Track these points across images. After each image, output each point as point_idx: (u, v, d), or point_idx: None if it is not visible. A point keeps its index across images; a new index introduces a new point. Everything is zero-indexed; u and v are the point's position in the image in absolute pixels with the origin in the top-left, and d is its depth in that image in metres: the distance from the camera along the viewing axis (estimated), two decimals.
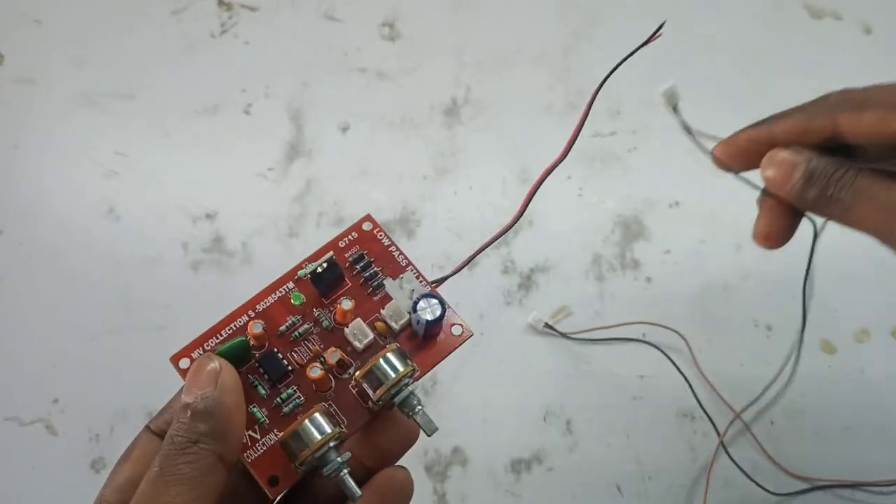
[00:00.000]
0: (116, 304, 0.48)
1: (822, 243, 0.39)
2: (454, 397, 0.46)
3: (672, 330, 0.47)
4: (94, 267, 0.49)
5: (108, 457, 0.44)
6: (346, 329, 0.26)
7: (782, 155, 0.26)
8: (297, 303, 0.26)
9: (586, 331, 0.47)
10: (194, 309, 0.48)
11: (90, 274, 0.49)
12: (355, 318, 0.26)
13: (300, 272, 0.26)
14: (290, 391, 0.25)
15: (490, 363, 0.47)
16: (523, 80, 0.55)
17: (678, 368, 0.45)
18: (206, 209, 0.51)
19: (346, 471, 0.23)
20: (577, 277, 0.49)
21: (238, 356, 0.25)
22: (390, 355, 0.24)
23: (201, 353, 0.25)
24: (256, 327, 0.25)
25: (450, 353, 0.26)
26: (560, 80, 0.55)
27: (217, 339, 0.25)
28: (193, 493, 0.21)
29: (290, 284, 0.26)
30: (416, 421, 0.24)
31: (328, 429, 0.23)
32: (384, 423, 0.26)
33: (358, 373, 0.24)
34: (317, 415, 0.23)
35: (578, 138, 0.51)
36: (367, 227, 0.28)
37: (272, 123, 0.54)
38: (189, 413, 0.22)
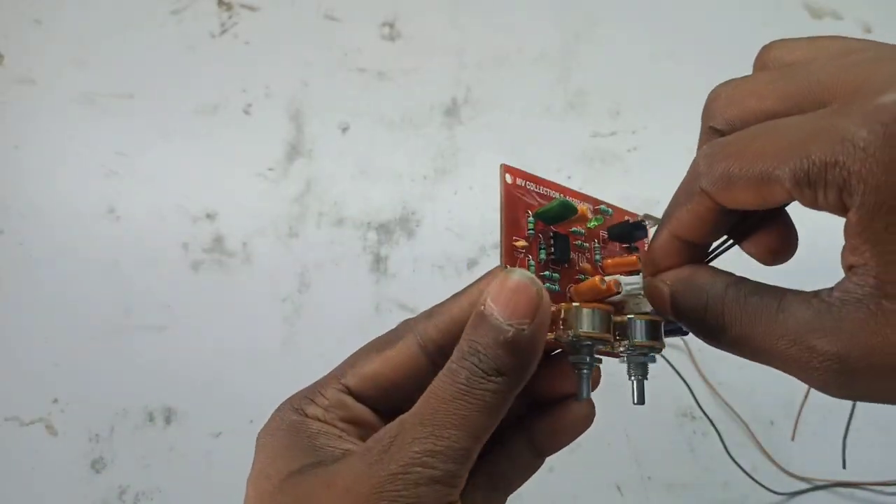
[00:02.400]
0: (116, 304, 0.48)
1: (822, 243, 0.39)
2: None
3: None
4: (94, 267, 0.49)
5: (108, 456, 0.44)
6: (615, 276, 0.25)
7: (650, 290, 0.23)
8: (592, 224, 0.26)
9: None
10: (195, 309, 0.48)
11: (90, 274, 0.49)
12: (616, 272, 0.26)
13: (602, 206, 0.27)
14: (556, 275, 0.25)
15: None
16: (523, 80, 0.55)
17: (676, 370, 0.45)
18: (207, 209, 0.51)
19: (587, 371, 0.24)
20: None
21: (561, 216, 0.25)
22: (661, 325, 0.24)
23: (522, 183, 0.25)
24: (592, 214, 0.25)
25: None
26: (560, 80, 0.55)
27: (537, 188, 0.25)
28: (489, 422, 0.21)
29: (591, 206, 0.27)
30: (637, 384, 0.25)
31: (607, 331, 0.23)
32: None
33: (638, 315, 0.24)
34: (612, 314, 0.23)
35: (578, 139, 0.52)
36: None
37: (272, 123, 0.54)
38: (504, 338, 0.20)
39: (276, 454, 0.22)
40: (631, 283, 0.24)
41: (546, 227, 0.25)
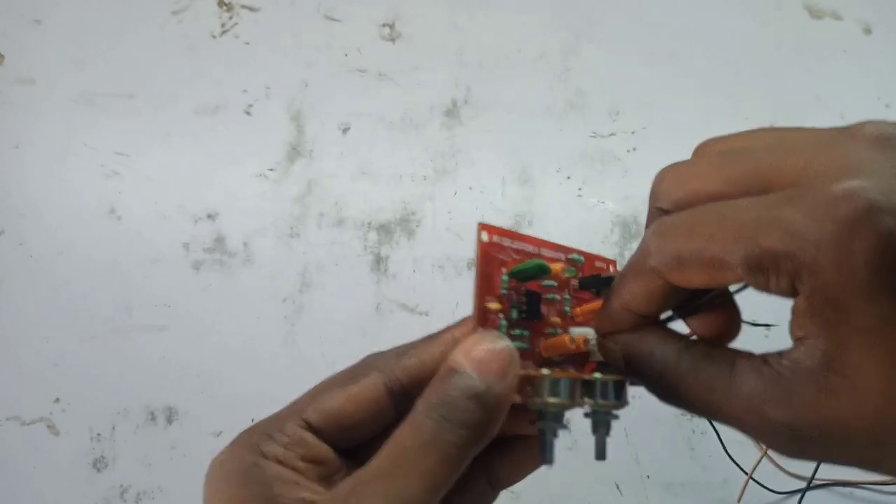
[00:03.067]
0: (117, 304, 0.48)
1: None
2: None
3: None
4: (95, 267, 0.49)
5: (109, 456, 0.45)
6: (574, 328, 0.26)
7: (603, 350, 0.24)
8: (567, 274, 0.26)
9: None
10: (196, 309, 0.48)
11: (90, 274, 0.49)
12: (586, 323, 0.26)
13: (573, 255, 0.26)
14: (525, 332, 0.25)
15: None
16: (523, 80, 0.55)
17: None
18: (207, 209, 0.51)
19: (553, 438, 0.23)
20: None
21: (534, 275, 0.25)
22: (625, 384, 0.24)
23: (498, 240, 0.25)
24: (568, 272, 0.25)
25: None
26: (560, 80, 0.55)
27: (512, 243, 0.25)
28: (450, 474, 0.20)
29: (563, 256, 0.26)
30: (598, 439, 0.24)
31: (575, 397, 0.23)
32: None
33: (600, 375, 0.24)
34: (577, 381, 0.23)
35: (578, 139, 0.52)
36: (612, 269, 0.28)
37: (273, 124, 0.54)
38: (473, 393, 0.20)
39: (226, 502, 0.21)
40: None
41: (519, 284, 0.25)
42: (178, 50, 0.56)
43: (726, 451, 0.44)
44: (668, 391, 0.22)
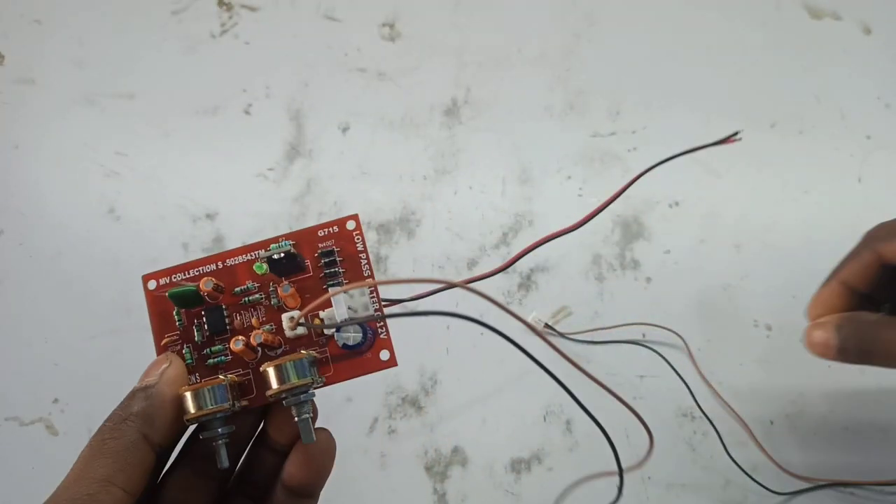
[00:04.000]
0: (116, 304, 0.48)
1: (822, 241, 0.39)
2: (454, 397, 0.46)
3: (671, 331, 0.47)
4: (94, 267, 0.49)
5: None
6: (283, 314, 0.27)
7: (814, 336, 0.32)
8: (259, 272, 0.27)
9: (586, 331, 0.47)
10: None
11: (90, 274, 0.49)
12: (296, 306, 0.27)
13: (273, 246, 0.27)
14: (220, 347, 0.27)
15: (490, 363, 0.47)
16: (523, 80, 0.55)
17: (676, 371, 0.45)
18: (207, 209, 0.51)
19: (222, 441, 0.25)
20: (577, 277, 0.49)
21: (186, 300, 0.26)
22: (300, 361, 0.25)
23: (168, 280, 0.27)
24: (207, 284, 0.26)
25: (365, 373, 0.27)
26: (560, 80, 0.55)
27: (185, 275, 0.27)
28: (115, 466, 0.23)
29: (262, 252, 0.27)
30: (298, 425, 0.25)
31: (223, 401, 0.24)
32: (284, 417, 0.27)
33: (268, 365, 0.25)
34: (219, 386, 0.25)
35: (578, 139, 0.52)
36: (350, 225, 0.28)
37: (272, 123, 0.54)
38: (131, 395, 0.24)
39: None
40: (329, 314, 0.26)
41: (197, 309, 0.27)
42: (178, 50, 0.56)
43: (727, 452, 0.44)
44: (878, 352, 0.29)
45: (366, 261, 0.28)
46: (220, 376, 0.26)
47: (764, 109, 0.53)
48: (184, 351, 0.27)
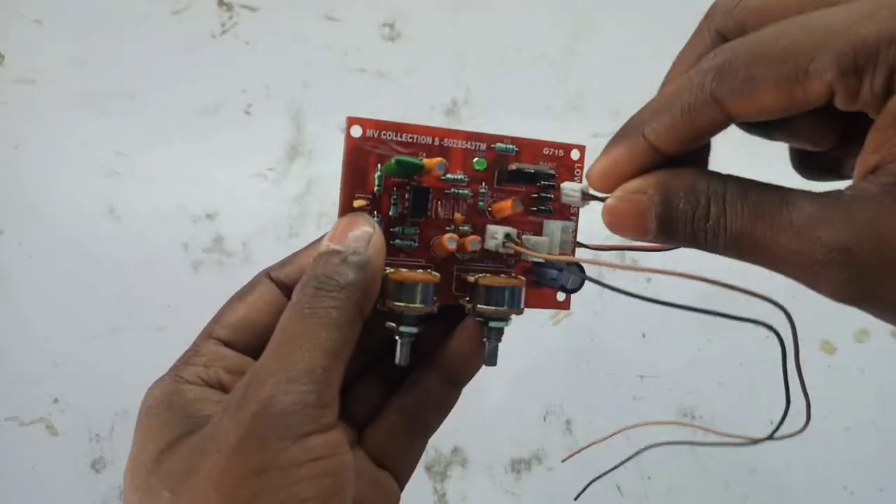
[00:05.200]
0: (116, 304, 0.48)
1: None
2: None
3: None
4: (94, 267, 0.49)
5: (108, 456, 0.44)
6: (490, 225, 0.25)
7: (621, 209, 0.20)
8: (478, 167, 0.25)
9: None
10: (194, 309, 0.48)
11: (90, 274, 0.49)
12: (507, 222, 0.25)
13: (499, 145, 0.25)
14: (412, 230, 0.24)
15: None
16: (523, 80, 0.55)
17: (675, 370, 0.45)
18: (207, 209, 0.51)
19: (407, 340, 0.23)
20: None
21: (406, 172, 0.24)
22: (519, 289, 0.24)
23: (376, 134, 0.24)
24: (440, 168, 0.24)
25: (545, 308, 0.26)
26: (560, 80, 0.55)
27: (396, 135, 0.24)
28: (341, 338, 0.20)
29: (483, 147, 0.25)
30: (490, 347, 0.24)
31: (430, 303, 0.23)
32: (456, 330, 0.26)
33: (485, 279, 0.24)
34: (430, 284, 0.23)
35: (578, 139, 0.51)
36: (575, 155, 0.26)
37: (272, 123, 0.54)
38: (340, 259, 0.21)
39: (148, 435, 0.21)
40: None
41: (402, 180, 0.24)
42: (178, 50, 0.56)
43: (725, 450, 0.44)
44: (709, 228, 0.19)
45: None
46: (431, 273, 0.24)
47: None
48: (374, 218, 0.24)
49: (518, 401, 0.46)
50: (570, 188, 0.24)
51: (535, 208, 0.26)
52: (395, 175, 0.24)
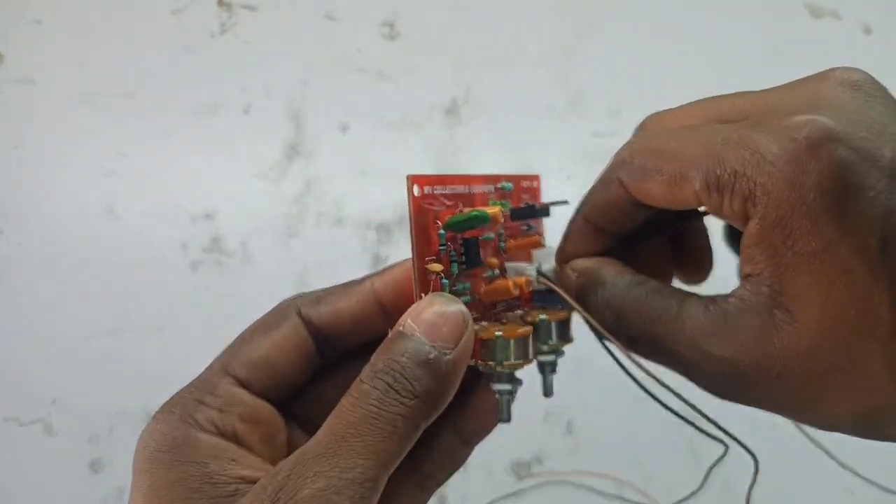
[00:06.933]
0: (116, 304, 0.48)
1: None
2: None
3: None
4: (94, 267, 0.49)
5: (106, 457, 0.44)
6: (510, 263, 0.25)
7: (561, 278, 0.24)
8: (504, 214, 0.25)
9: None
10: (193, 309, 0.48)
11: (90, 274, 0.49)
12: (519, 258, 0.26)
13: (504, 184, 0.26)
14: (467, 285, 0.23)
15: None
16: (523, 80, 0.55)
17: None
18: (206, 209, 0.51)
19: (508, 397, 0.23)
20: None
21: (472, 225, 0.23)
22: (569, 320, 0.25)
23: (431, 190, 0.23)
24: (503, 212, 0.24)
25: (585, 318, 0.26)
26: (560, 80, 0.55)
27: (443, 188, 0.24)
28: (399, 449, 0.18)
29: (493, 188, 0.26)
30: (547, 381, 0.25)
31: (529, 357, 0.22)
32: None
33: (537, 316, 0.24)
34: (528, 338, 0.22)
35: (578, 139, 0.51)
36: (535, 184, 0.28)
37: (272, 123, 0.54)
38: (423, 358, 0.19)
39: (153, 494, 0.18)
40: (531, 271, 0.25)
41: (456, 234, 0.24)
42: (178, 50, 0.56)
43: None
44: (613, 324, 0.22)
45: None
46: (521, 328, 0.22)
47: None
48: (440, 283, 0.23)
49: (518, 401, 0.46)
50: (520, 268, 0.25)
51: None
52: (457, 230, 0.23)
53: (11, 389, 0.46)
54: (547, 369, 0.25)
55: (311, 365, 0.22)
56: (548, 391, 0.25)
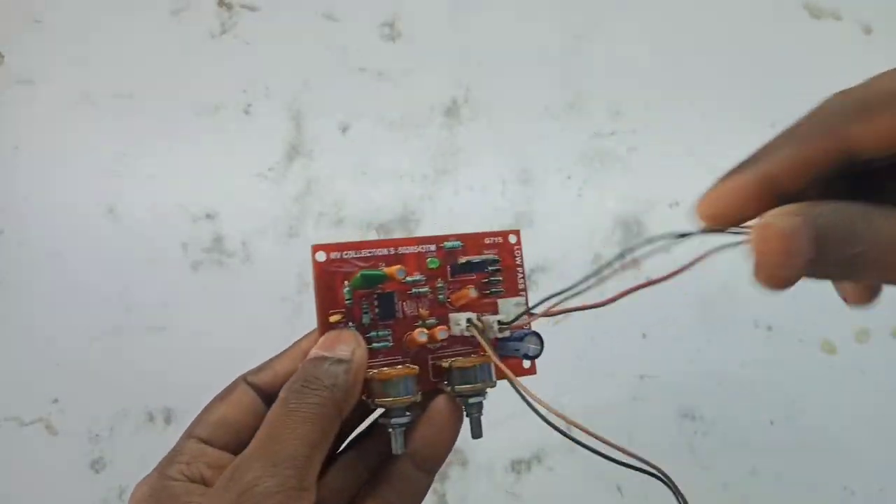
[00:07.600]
0: (116, 304, 0.48)
1: None
2: None
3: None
4: (94, 267, 0.49)
5: (107, 456, 0.44)
6: (453, 313, 0.28)
7: (773, 229, 0.19)
8: (431, 266, 0.28)
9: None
10: (194, 309, 0.48)
11: (90, 274, 0.49)
12: (466, 308, 0.28)
13: (447, 244, 0.29)
14: (385, 332, 0.27)
15: None
16: (523, 80, 0.55)
17: (675, 371, 0.45)
18: (206, 209, 0.51)
19: (399, 429, 0.26)
20: (577, 277, 0.49)
21: (371, 283, 0.27)
22: (488, 365, 0.27)
23: (339, 255, 0.27)
24: (400, 273, 0.27)
25: (513, 378, 0.28)
26: (560, 80, 0.55)
27: (356, 253, 0.27)
28: (321, 431, 0.23)
29: (433, 248, 0.28)
30: (473, 420, 0.27)
31: (413, 393, 0.26)
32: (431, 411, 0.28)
33: (457, 362, 0.27)
34: (410, 377, 0.26)
35: (578, 139, 0.51)
36: (512, 239, 0.30)
37: (272, 123, 0.54)
38: (328, 363, 0.24)
39: None
40: (489, 321, 0.27)
41: (369, 291, 0.27)
42: (178, 50, 0.56)
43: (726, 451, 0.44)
44: (857, 255, 0.18)
45: (521, 276, 0.30)
46: (409, 367, 0.26)
47: (763, 109, 0.53)
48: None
49: (518, 401, 0.46)
50: (456, 318, 0.28)
51: (487, 291, 0.29)
52: (361, 288, 0.27)
53: (12, 389, 0.46)
54: (470, 409, 0.28)
55: (261, 419, 0.25)
56: (474, 430, 0.28)
